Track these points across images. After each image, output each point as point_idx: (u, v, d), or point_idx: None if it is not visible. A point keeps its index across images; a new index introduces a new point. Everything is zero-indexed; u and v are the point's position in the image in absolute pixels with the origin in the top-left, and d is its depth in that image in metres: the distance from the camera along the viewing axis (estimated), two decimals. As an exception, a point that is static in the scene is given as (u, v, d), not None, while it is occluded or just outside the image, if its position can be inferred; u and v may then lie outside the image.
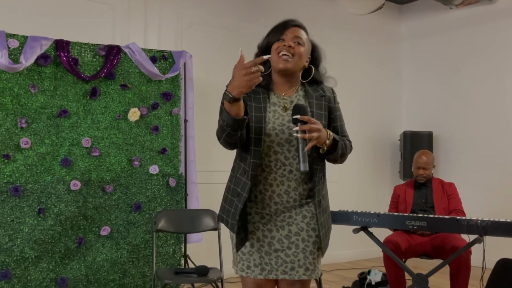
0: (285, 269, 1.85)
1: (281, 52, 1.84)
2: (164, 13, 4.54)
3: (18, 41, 3.37)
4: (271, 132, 1.82)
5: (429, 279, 3.01)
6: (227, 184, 1.93)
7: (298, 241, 1.86)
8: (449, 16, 5.85)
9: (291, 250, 1.85)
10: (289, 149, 1.83)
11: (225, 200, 1.92)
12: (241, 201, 1.81)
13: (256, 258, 1.86)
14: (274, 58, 1.86)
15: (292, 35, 1.87)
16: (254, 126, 1.80)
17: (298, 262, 1.85)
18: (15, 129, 3.37)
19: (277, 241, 1.85)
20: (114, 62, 3.69)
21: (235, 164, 1.92)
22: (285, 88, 1.92)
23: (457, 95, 5.75)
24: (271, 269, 1.85)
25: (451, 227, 2.89)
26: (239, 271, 1.90)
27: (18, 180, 3.35)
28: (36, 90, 3.45)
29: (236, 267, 1.92)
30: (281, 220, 1.86)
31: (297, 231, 1.86)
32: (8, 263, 3.28)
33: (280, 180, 1.84)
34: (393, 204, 3.96)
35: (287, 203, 1.85)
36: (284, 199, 1.85)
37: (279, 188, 1.84)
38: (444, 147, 5.84)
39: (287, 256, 1.85)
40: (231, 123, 1.69)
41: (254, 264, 1.86)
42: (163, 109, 3.91)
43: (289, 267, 1.85)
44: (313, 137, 1.70)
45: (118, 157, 3.71)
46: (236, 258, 1.91)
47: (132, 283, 3.70)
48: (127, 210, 3.72)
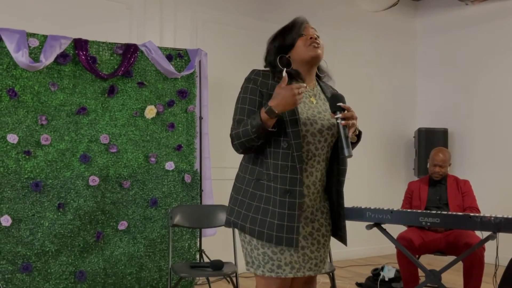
0: (311, 265, 1.88)
1: (311, 42, 1.91)
2: (179, 11, 4.61)
3: (38, 40, 3.46)
4: (307, 122, 1.84)
5: (443, 276, 3.01)
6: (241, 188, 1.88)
7: (319, 237, 1.91)
8: (465, 12, 5.81)
9: (314, 247, 1.89)
10: (319, 139, 1.86)
11: (240, 204, 1.86)
12: (297, 195, 1.79)
13: (287, 256, 1.82)
14: (303, 50, 1.91)
15: (313, 31, 1.95)
16: (289, 120, 1.81)
17: (320, 258, 1.91)
18: (36, 126, 3.46)
19: (303, 238, 1.86)
20: (131, 60, 3.76)
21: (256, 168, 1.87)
22: (308, 80, 1.96)
23: (472, 92, 5.71)
24: (299, 267, 1.85)
25: (465, 224, 2.89)
26: (267, 272, 1.82)
27: (39, 176, 3.45)
28: (56, 88, 3.53)
29: (262, 269, 1.83)
30: (305, 217, 1.88)
31: (318, 227, 1.91)
32: (29, 256, 3.38)
33: (310, 171, 1.86)
34: (407, 200, 3.96)
35: (312, 194, 1.89)
36: (311, 190, 1.88)
37: (308, 179, 1.86)
38: (459, 144, 5.81)
39: (312, 252, 1.88)
40: (264, 134, 1.75)
41: (284, 263, 1.82)
42: (178, 106, 3.97)
43: (313, 263, 1.89)
44: (354, 124, 1.81)
45: (135, 154, 3.79)
46: (263, 259, 1.83)
47: (148, 277, 3.78)
48: (144, 205, 3.80)
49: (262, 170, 1.84)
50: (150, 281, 3.79)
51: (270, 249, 1.82)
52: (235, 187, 1.93)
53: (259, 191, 1.84)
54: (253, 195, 1.84)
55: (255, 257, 1.85)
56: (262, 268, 1.83)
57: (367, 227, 3.16)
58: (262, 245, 1.82)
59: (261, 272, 1.84)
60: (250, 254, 1.87)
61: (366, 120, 5.80)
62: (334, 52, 5.56)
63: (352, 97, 5.65)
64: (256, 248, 1.84)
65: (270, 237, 1.79)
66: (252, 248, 1.85)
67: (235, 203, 1.89)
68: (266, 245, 1.82)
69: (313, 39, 1.91)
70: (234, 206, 1.89)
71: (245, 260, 1.91)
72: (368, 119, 5.83)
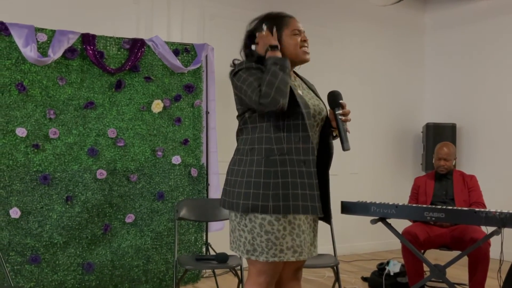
0: (308, 250, 1.96)
1: (303, 47, 1.99)
2: (186, 6, 4.62)
3: (46, 35, 3.50)
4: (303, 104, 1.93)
5: (448, 271, 3.01)
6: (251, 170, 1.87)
7: (311, 221, 1.99)
8: (474, 7, 5.75)
9: (308, 230, 1.95)
10: (312, 124, 1.94)
11: (254, 186, 1.84)
12: (312, 164, 1.87)
13: (288, 241, 1.86)
14: (295, 50, 1.98)
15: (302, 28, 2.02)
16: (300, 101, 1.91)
17: (311, 241, 1.99)
18: (44, 120, 3.51)
19: (302, 222, 1.92)
20: (138, 55, 3.79)
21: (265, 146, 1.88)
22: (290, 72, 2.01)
23: (481, 87, 5.66)
24: (301, 251, 1.89)
25: (470, 219, 2.88)
26: (270, 257, 1.84)
27: (47, 169, 3.50)
28: (64, 83, 3.57)
29: (266, 255, 1.85)
30: None
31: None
32: (38, 248, 3.43)
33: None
34: (413, 196, 3.96)
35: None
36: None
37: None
38: (467, 139, 5.78)
39: (309, 235, 1.96)
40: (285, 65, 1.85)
41: (286, 247, 1.86)
42: (185, 101, 4.00)
43: (307, 246, 1.95)
44: (349, 120, 1.96)
45: (142, 148, 3.83)
46: (267, 245, 1.85)
47: (155, 269, 3.83)
48: (151, 198, 3.84)
49: (271, 146, 1.87)
50: (157, 273, 3.84)
51: (273, 235, 1.85)
52: (237, 172, 1.92)
53: (272, 167, 1.85)
54: (267, 173, 1.84)
55: (257, 244, 1.87)
56: (266, 254, 1.86)
57: (372, 222, 3.16)
58: (266, 232, 1.85)
59: (265, 258, 1.86)
60: (251, 242, 1.88)
61: (373, 115, 5.81)
62: (341, 46, 5.56)
63: (359, 92, 5.68)
64: (259, 235, 1.86)
65: (296, 208, 1.84)
66: (255, 236, 1.87)
67: (248, 186, 1.85)
68: (272, 230, 1.84)
69: (306, 42, 2.00)
70: (248, 189, 1.85)
71: (242, 250, 1.92)
72: (375, 114, 5.82)
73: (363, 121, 5.63)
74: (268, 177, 1.84)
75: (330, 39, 5.37)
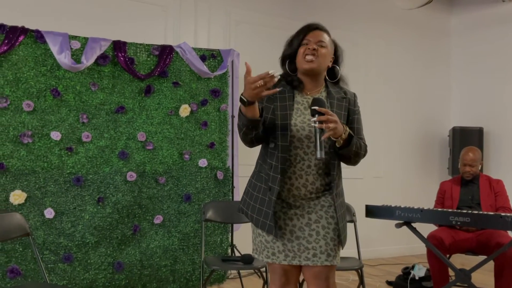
0: (308, 255, 1.95)
1: (306, 54, 1.98)
2: (213, 12, 4.72)
3: (79, 43, 3.64)
4: (293, 128, 1.95)
5: (473, 276, 3.00)
6: (250, 179, 2.09)
7: (318, 228, 1.96)
8: (501, 10, 5.69)
9: (312, 237, 1.95)
10: (308, 144, 1.95)
11: (246, 193, 2.07)
12: (274, 193, 1.94)
13: (279, 245, 1.97)
14: (300, 60, 2.01)
15: (315, 39, 1.99)
16: (280, 123, 1.94)
17: (320, 249, 1.94)
18: (77, 124, 3.64)
19: (298, 229, 1.96)
20: (167, 61, 3.90)
21: (259, 161, 2.06)
22: (311, 88, 2.04)
23: (508, 90, 5.58)
24: (294, 255, 1.96)
25: (495, 224, 2.86)
26: (265, 258, 2.00)
27: (80, 171, 3.63)
28: (96, 88, 3.71)
29: (261, 255, 2.02)
30: (301, 209, 1.98)
31: (317, 219, 1.97)
32: (70, 247, 3.56)
33: (299, 174, 1.96)
34: (439, 200, 3.95)
35: (304, 196, 1.97)
36: (302, 192, 1.97)
37: (297, 181, 1.97)
38: (494, 143, 5.70)
39: (309, 243, 1.95)
40: (247, 123, 1.86)
41: (278, 251, 1.97)
42: (211, 105, 4.09)
43: (311, 253, 1.94)
44: (330, 128, 1.80)
45: (170, 151, 3.93)
46: (260, 246, 2.01)
47: (182, 269, 3.92)
48: (178, 200, 3.94)
49: (264, 165, 2.02)
50: (184, 273, 3.93)
51: (264, 238, 1.99)
52: (248, 180, 2.12)
53: (258, 182, 2.02)
54: (254, 185, 2.04)
55: (257, 244, 2.04)
56: (261, 254, 2.02)
57: (397, 226, 3.17)
58: (258, 234, 2.03)
59: (261, 257, 2.02)
60: (254, 241, 2.06)
61: (399, 118, 5.79)
62: (367, 50, 5.57)
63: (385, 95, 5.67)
64: (258, 235, 2.02)
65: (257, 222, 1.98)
66: (256, 236, 2.04)
67: (245, 193, 2.09)
68: (262, 233, 1.99)
69: (310, 50, 1.97)
70: (244, 195, 2.09)
71: (252, 247, 2.09)
72: (401, 117, 5.80)
73: (389, 124, 5.63)
74: (254, 189, 2.03)
75: (356, 43, 5.38)
